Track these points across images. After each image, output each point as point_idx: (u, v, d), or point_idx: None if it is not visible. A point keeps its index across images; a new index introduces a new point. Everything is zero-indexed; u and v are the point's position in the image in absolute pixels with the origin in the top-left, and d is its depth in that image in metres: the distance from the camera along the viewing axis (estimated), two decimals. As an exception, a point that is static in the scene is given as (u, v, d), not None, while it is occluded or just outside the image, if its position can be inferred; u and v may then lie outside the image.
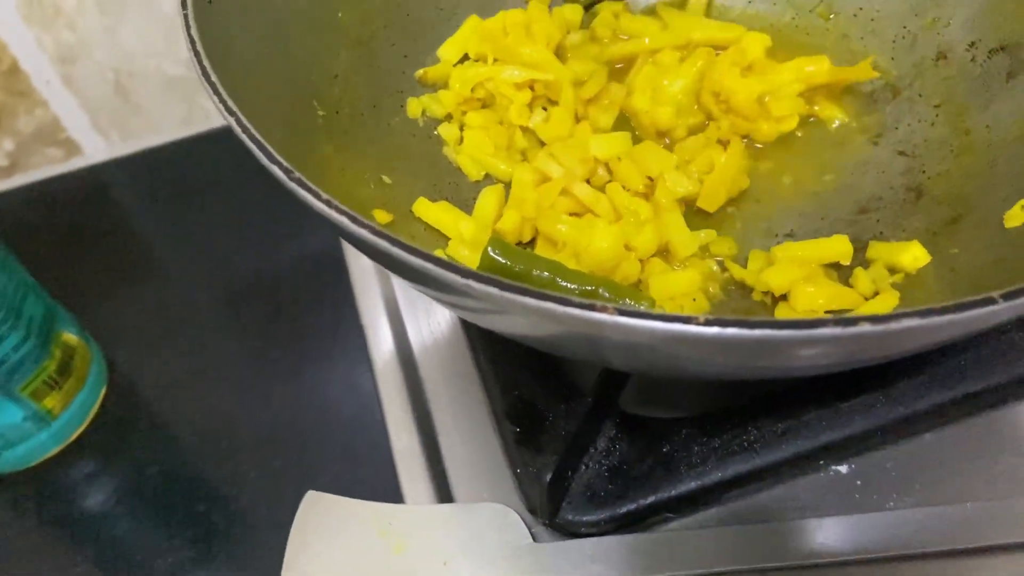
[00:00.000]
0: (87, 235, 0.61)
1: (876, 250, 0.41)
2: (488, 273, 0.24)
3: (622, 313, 0.23)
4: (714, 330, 0.23)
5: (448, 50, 0.49)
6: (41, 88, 0.63)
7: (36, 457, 0.48)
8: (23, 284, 0.44)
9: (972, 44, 0.45)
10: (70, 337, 0.48)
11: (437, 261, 0.25)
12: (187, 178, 0.65)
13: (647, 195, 0.45)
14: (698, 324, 0.23)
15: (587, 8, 0.53)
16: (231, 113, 0.28)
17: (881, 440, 0.40)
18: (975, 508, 0.38)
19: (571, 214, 0.43)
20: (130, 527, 0.46)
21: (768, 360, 0.25)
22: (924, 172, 0.44)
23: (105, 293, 0.55)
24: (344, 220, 0.25)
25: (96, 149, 0.68)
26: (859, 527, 0.38)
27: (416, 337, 0.49)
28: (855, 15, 0.50)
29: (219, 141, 0.68)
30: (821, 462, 0.40)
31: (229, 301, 0.57)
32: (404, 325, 0.50)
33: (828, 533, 0.38)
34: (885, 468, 0.40)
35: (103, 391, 0.51)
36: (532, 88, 0.48)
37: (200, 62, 0.30)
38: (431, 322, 0.50)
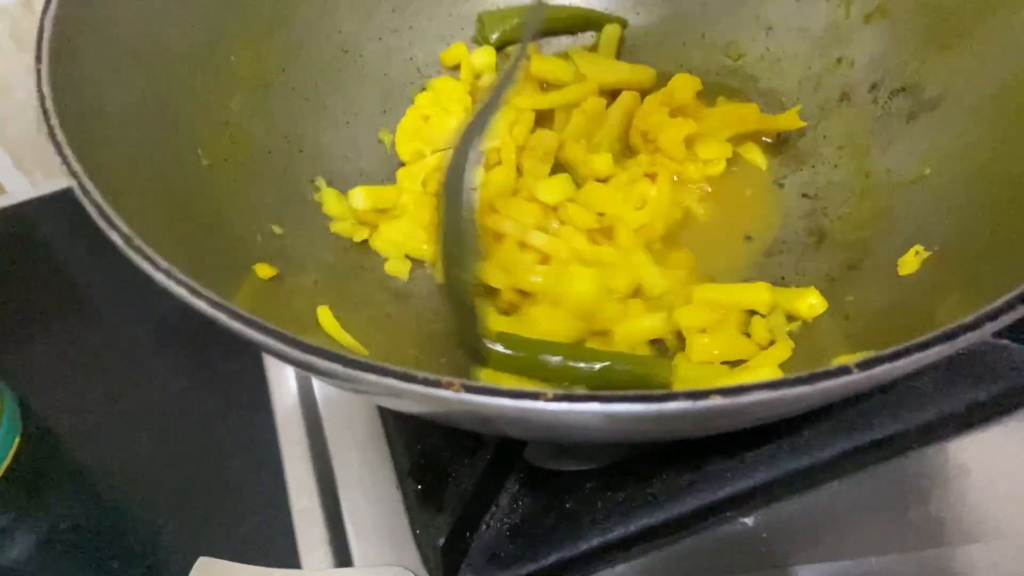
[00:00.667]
0: (9, 276, 0.59)
1: (775, 297, 0.40)
2: (379, 363, 0.23)
3: (468, 390, 0.22)
4: (563, 406, 0.22)
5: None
6: (-43, 129, 0.61)
7: (-57, 512, 0.45)
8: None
9: (874, 85, 0.45)
10: (-20, 386, 0.46)
11: (280, 337, 0.23)
12: None
13: (602, 233, 0.45)
14: (546, 400, 0.22)
15: (499, 50, 0.53)
16: (73, 175, 0.26)
17: (787, 490, 0.40)
18: (881, 563, 0.37)
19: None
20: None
21: (624, 432, 0.24)
22: (826, 215, 0.43)
23: (24, 336, 0.53)
24: (183, 292, 0.24)
25: (19, 188, 0.67)
26: (764, 585, 0.37)
27: (321, 389, 0.48)
28: (762, 56, 0.50)
29: None
30: (727, 514, 0.39)
31: (153, 344, 0.55)
32: (310, 378, 0.48)
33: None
34: (792, 520, 0.39)
35: (16, 441, 0.48)
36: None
37: (48, 120, 0.28)
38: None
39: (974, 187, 0.38)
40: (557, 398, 0.22)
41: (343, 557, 0.41)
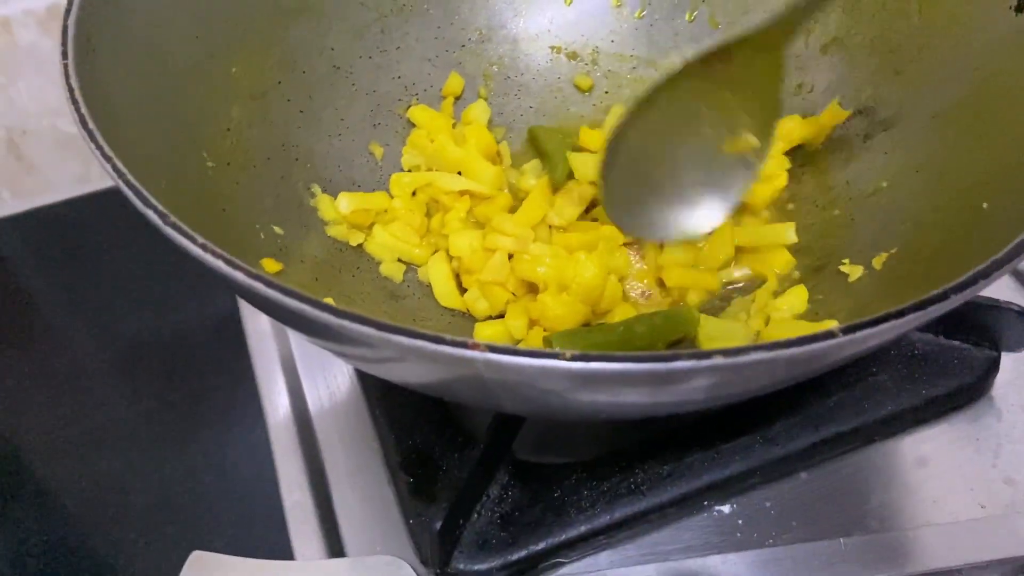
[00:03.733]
0: None
1: (762, 298, 0.43)
2: (409, 328, 0.24)
3: (493, 350, 0.24)
4: (578, 365, 0.24)
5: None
6: (-73, 148, 0.61)
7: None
8: None
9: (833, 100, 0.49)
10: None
11: (313, 303, 0.25)
12: (81, 237, 0.64)
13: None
14: (564, 359, 0.24)
15: None
16: (107, 159, 0.28)
17: (760, 479, 0.42)
18: (847, 543, 0.40)
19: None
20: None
21: (635, 394, 0.26)
22: (797, 223, 0.47)
23: None
24: (220, 264, 0.25)
25: None
26: (743, 563, 0.39)
27: (312, 394, 0.49)
28: (729, 80, 0.54)
29: (116, 199, 0.66)
30: (705, 502, 0.42)
31: (122, 364, 0.56)
32: (301, 383, 0.49)
33: (715, 570, 0.39)
34: (765, 507, 0.42)
35: None
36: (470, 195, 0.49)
37: (78, 109, 0.30)
38: (328, 378, 0.49)
39: (927, 198, 0.41)
40: (574, 358, 0.24)
41: (335, 549, 0.42)
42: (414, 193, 0.49)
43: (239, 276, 0.25)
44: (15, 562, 0.45)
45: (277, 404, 0.49)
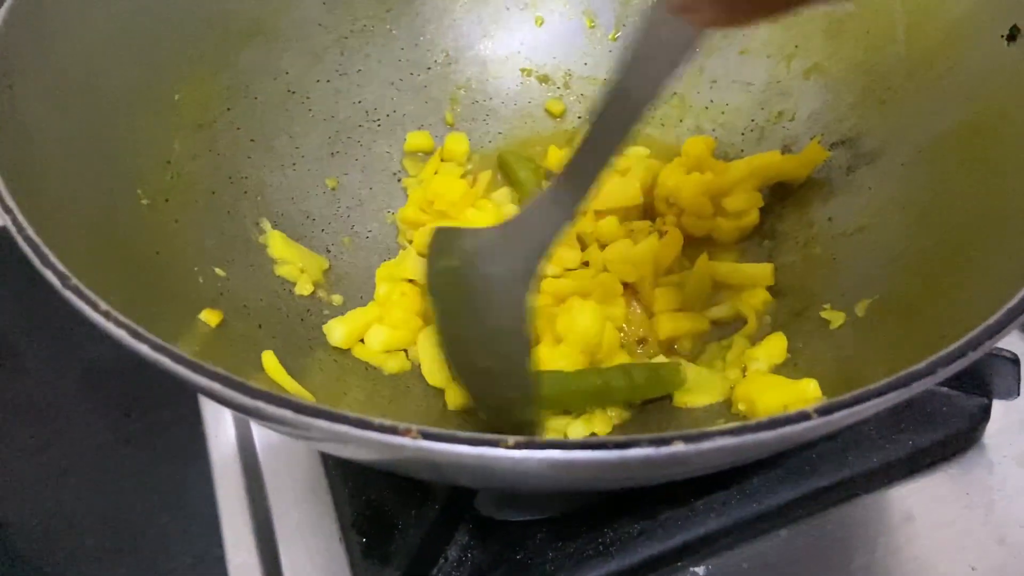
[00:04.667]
0: None
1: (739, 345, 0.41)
2: (331, 409, 0.22)
3: (427, 436, 0.21)
4: (520, 453, 0.21)
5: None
6: None
7: None
8: None
9: (814, 138, 0.47)
10: None
11: (226, 381, 0.22)
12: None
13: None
14: (506, 447, 0.21)
15: None
16: (6, 211, 0.25)
17: (737, 538, 0.39)
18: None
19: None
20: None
21: (583, 479, 0.24)
22: (775, 261, 0.44)
23: None
24: (123, 335, 0.23)
25: None
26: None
27: (261, 437, 0.46)
28: (706, 107, 0.51)
29: None
30: (679, 564, 0.39)
31: (81, 394, 0.54)
32: (249, 425, 0.46)
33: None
34: (742, 568, 0.39)
35: None
36: None
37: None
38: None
39: (911, 239, 0.39)
40: (518, 445, 0.21)
41: (282, 615, 0.39)
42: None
43: (143, 349, 0.22)
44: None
45: (223, 445, 0.47)
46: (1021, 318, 0.26)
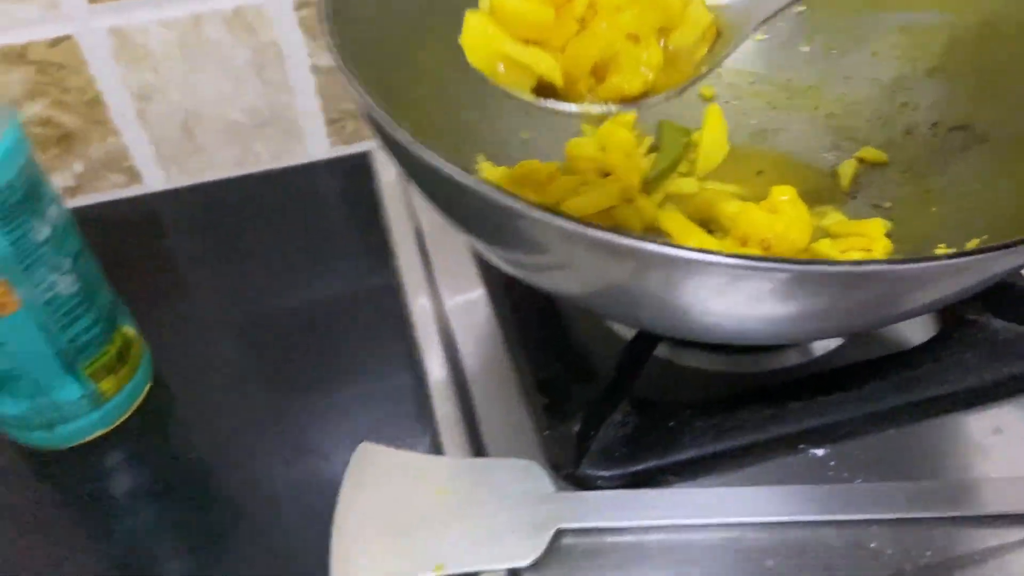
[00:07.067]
0: (135, 255, 0.67)
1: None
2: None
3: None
4: (736, 260, 0.31)
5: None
6: (116, 120, 0.70)
7: (82, 436, 0.52)
8: (97, 274, 0.51)
9: (935, 124, 0.56)
10: (128, 330, 0.54)
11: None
12: (234, 213, 0.72)
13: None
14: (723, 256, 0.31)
15: None
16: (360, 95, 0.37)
17: (851, 431, 0.48)
18: (926, 486, 0.45)
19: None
20: (163, 510, 0.49)
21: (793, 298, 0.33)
22: (893, 221, 0.53)
23: (147, 308, 0.58)
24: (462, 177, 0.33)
25: (155, 180, 0.75)
26: (831, 495, 0.45)
27: (462, 340, 0.56)
28: (838, 98, 0.61)
29: (266, 182, 0.75)
30: (800, 445, 0.48)
31: (255, 324, 0.61)
32: (454, 337, 0.57)
33: (805, 498, 0.44)
34: (855, 454, 0.47)
35: (148, 384, 0.55)
36: None
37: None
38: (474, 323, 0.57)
39: (1017, 198, 0.48)
40: (732, 256, 0.31)
41: (478, 452, 0.49)
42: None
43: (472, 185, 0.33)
44: (171, 476, 0.51)
45: (433, 361, 0.56)
46: None
